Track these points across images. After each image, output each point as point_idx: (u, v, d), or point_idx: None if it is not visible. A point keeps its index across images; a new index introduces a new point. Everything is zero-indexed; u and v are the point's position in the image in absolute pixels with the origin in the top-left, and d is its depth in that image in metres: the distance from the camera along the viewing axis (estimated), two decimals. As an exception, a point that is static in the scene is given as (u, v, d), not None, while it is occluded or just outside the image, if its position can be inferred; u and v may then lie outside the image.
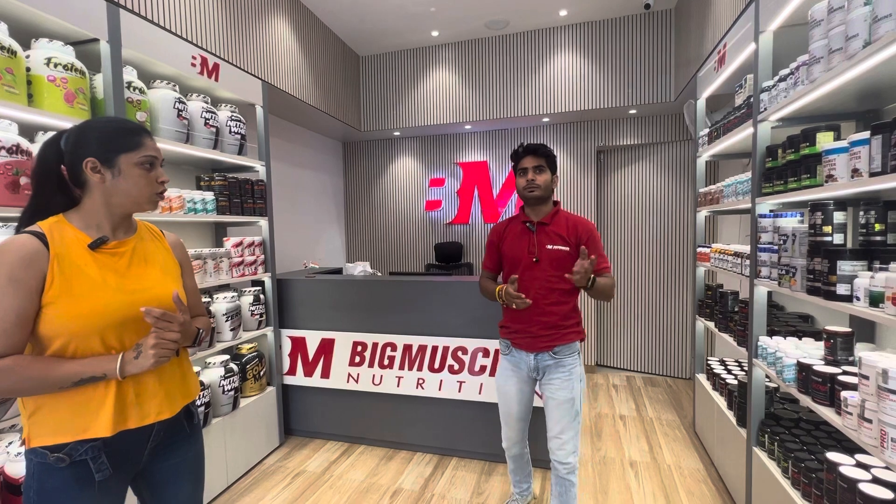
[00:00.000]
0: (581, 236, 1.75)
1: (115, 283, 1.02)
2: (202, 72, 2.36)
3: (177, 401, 1.12)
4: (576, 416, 1.76)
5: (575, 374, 1.77)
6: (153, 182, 1.07)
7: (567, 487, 1.79)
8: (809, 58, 1.49)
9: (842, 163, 1.36)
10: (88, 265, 0.99)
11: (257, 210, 2.75)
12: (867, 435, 1.19)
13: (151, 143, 1.08)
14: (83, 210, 1.04)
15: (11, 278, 0.90)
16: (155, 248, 1.16)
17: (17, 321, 0.91)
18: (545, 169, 1.77)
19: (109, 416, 0.98)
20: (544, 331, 1.75)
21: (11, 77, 1.54)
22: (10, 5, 1.59)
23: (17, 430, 1.66)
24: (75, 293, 0.96)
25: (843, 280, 1.33)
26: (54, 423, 0.97)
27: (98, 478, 0.99)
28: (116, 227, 1.07)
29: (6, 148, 1.48)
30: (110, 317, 0.99)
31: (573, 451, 1.76)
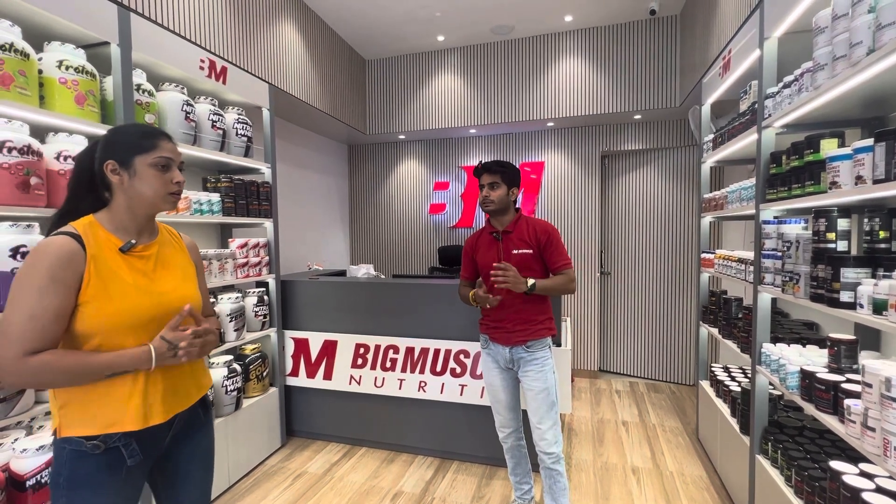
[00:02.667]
0: (541, 239, 1.92)
1: (143, 285, 1.08)
2: (210, 75, 2.39)
3: (193, 394, 1.19)
4: (552, 405, 1.90)
5: (548, 366, 1.92)
6: (168, 182, 1.11)
7: (555, 478, 1.91)
8: (814, 65, 1.49)
9: (846, 170, 1.35)
10: (121, 268, 1.06)
11: (262, 212, 2.77)
12: (870, 444, 1.19)
13: (168, 145, 1.12)
14: (111, 212, 1.10)
15: (53, 278, 0.95)
16: (174, 251, 1.21)
17: (55, 318, 0.96)
18: (500, 185, 1.92)
19: (136, 412, 1.04)
20: (518, 326, 1.91)
21: (24, 79, 1.56)
22: (24, 9, 1.62)
23: (23, 427, 1.68)
24: (110, 294, 1.02)
25: (847, 287, 1.32)
26: (85, 416, 1.02)
27: (130, 463, 1.05)
28: (141, 229, 1.13)
29: (17, 148, 1.51)
30: (140, 317, 1.05)
31: (555, 441, 1.90)
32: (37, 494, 1.51)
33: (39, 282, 0.95)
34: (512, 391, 2.03)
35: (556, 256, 1.91)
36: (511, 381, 2.02)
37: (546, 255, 1.92)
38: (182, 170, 1.17)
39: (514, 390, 2.04)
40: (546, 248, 1.90)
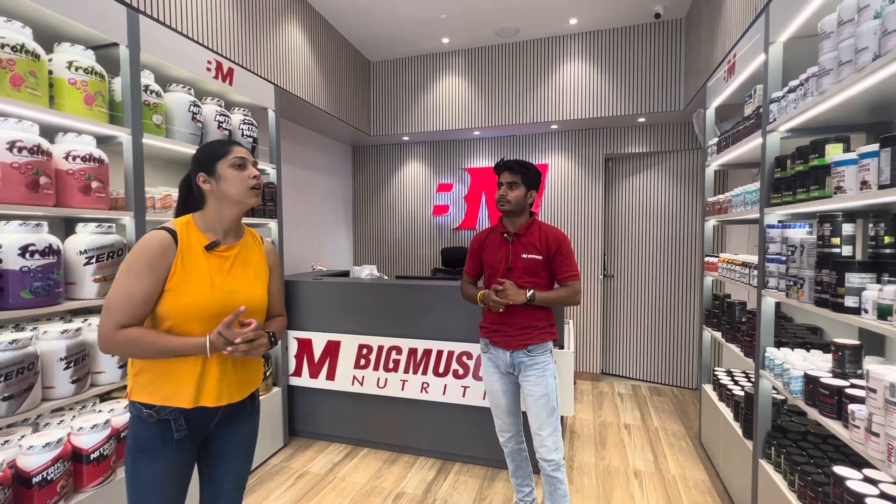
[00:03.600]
0: (552, 247, 1.89)
1: (217, 282, 1.22)
2: (217, 76, 2.41)
3: (245, 388, 1.31)
4: (552, 411, 1.87)
5: (549, 371, 1.89)
6: (246, 178, 1.26)
7: (555, 486, 1.87)
8: (819, 69, 1.49)
9: (851, 174, 1.35)
10: (202, 264, 1.21)
11: (267, 212, 2.79)
12: (874, 449, 1.18)
13: (239, 149, 1.29)
14: (204, 214, 1.28)
15: (149, 265, 1.14)
16: (253, 254, 1.35)
17: (145, 300, 1.14)
18: (519, 185, 1.89)
19: (191, 393, 1.18)
20: (518, 331, 1.88)
21: (34, 80, 1.58)
22: (35, 10, 1.64)
23: (30, 424, 1.70)
24: (188, 285, 1.18)
25: (852, 292, 1.32)
26: (151, 386, 1.18)
27: (176, 437, 1.20)
28: (227, 231, 1.29)
29: (27, 148, 1.52)
30: (208, 309, 1.19)
31: (555, 448, 1.86)
32: (43, 491, 1.53)
33: (138, 268, 1.13)
34: (512, 396, 2.00)
35: (564, 267, 1.88)
36: (511, 386, 1.99)
37: (554, 264, 1.89)
38: (257, 167, 1.32)
39: (515, 395, 2.01)
40: (555, 256, 1.88)
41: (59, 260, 1.64)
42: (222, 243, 1.26)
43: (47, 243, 1.58)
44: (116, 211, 1.88)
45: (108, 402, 1.93)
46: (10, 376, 1.47)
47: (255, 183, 1.28)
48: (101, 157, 1.79)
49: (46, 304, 1.59)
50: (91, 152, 1.75)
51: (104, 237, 1.80)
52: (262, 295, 1.31)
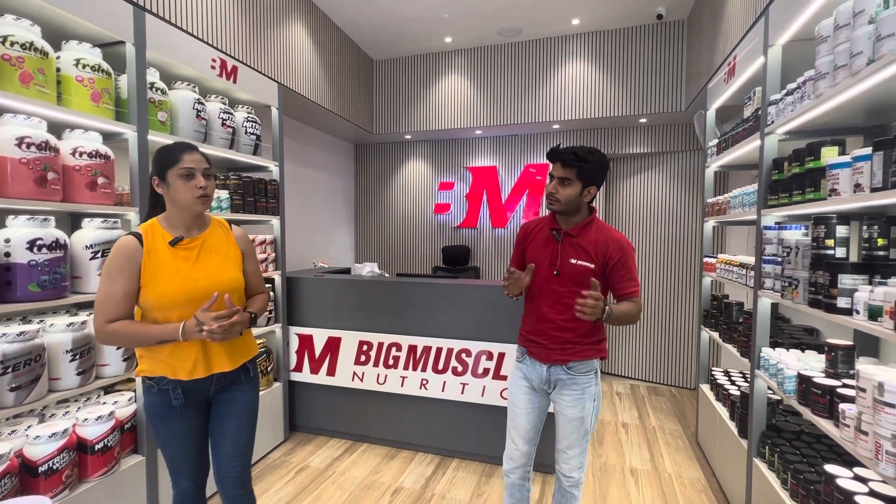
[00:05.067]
0: (611, 255, 1.58)
1: (185, 271, 1.36)
2: (221, 74, 2.44)
3: (235, 359, 1.45)
4: (584, 434, 1.66)
5: (588, 394, 1.64)
6: (193, 188, 1.35)
7: (568, 499, 1.69)
8: (816, 73, 1.51)
9: (845, 177, 1.37)
10: (168, 258, 1.35)
11: (270, 209, 2.82)
12: (863, 447, 1.21)
13: (189, 157, 1.37)
14: (167, 214, 1.41)
15: (120, 268, 1.30)
16: (221, 240, 1.47)
17: (124, 297, 1.30)
18: (573, 182, 1.56)
19: (185, 367, 1.36)
20: (558, 345, 1.63)
21: (43, 77, 1.61)
22: (44, 8, 1.67)
23: (35, 415, 1.73)
24: (157, 279, 1.32)
25: (844, 293, 1.34)
26: (150, 363, 1.37)
27: (174, 404, 1.37)
28: (190, 226, 1.41)
29: (35, 144, 1.55)
30: (180, 297, 1.33)
31: (578, 467, 1.67)
32: (49, 480, 1.56)
33: (111, 271, 1.30)
34: (535, 420, 1.71)
35: (627, 281, 1.58)
36: (538, 408, 1.72)
37: (613, 276, 1.59)
38: (210, 175, 1.41)
39: (538, 420, 1.72)
40: (616, 268, 1.58)
41: (66, 254, 1.67)
42: (186, 237, 1.39)
43: (54, 238, 1.61)
44: (121, 207, 1.91)
45: (111, 395, 1.97)
46: (18, 367, 1.51)
47: (200, 193, 1.36)
48: (107, 153, 1.82)
49: (53, 297, 1.62)
50: (97, 149, 1.78)
51: (109, 232, 1.83)
52: (234, 276, 1.44)
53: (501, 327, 2.61)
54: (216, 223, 1.50)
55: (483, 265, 4.72)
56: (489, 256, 4.73)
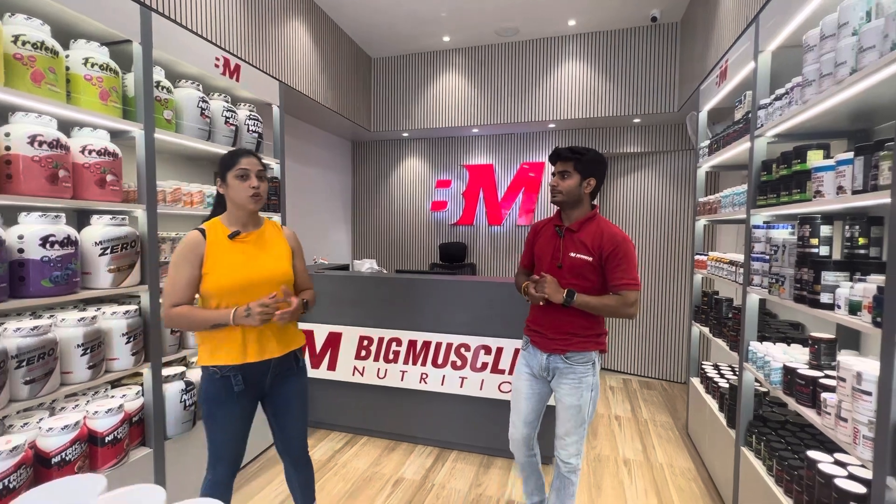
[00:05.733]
0: (604, 248, 1.67)
1: (241, 262, 1.53)
2: (224, 72, 2.46)
3: (284, 346, 1.60)
4: (581, 423, 1.74)
5: (585, 384, 1.72)
6: (247, 188, 1.53)
7: (566, 485, 1.79)
8: (803, 80, 1.58)
9: (829, 180, 1.45)
10: (227, 251, 1.52)
11: (271, 206, 2.85)
12: (842, 433, 1.29)
13: (245, 160, 1.54)
14: (226, 213, 1.60)
15: (185, 258, 1.48)
16: (273, 237, 1.65)
17: (187, 284, 1.48)
18: (572, 174, 1.69)
19: (237, 352, 1.51)
20: (559, 335, 1.73)
21: (53, 76, 1.64)
22: (52, 7, 1.69)
23: (45, 408, 1.76)
24: (217, 268, 1.49)
25: (827, 289, 1.42)
26: (210, 352, 1.52)
27: (236, 389, 1.52)
28: (246, 222, 1.59)
29: (47, 142, 1.58)
30: (236, 285, 1.50)
31: (576, 454, 1.76)
32: (61, 471, 1.60)
33: (177, 261, 1.48)
34: (535, 404, 1.83)
35: (619, 273, 1.65)
36: (537, 393, 1.83)
37: (607, 268, 1.67)
38: (263, 177, 1.58)
39: (538, 403, 1.84)
40: (609, 259, 1.66)
41: (77, 250, 1.70)
42: (243, 232, 1.56)
43: (66, 234, 1.64)
44: (129, 203, 1.94)
45: (119, 389, 2.00)
46: (32, 361, 1.54)
47: (253, 192, 1.53)
48: (115, 151, 1.85)
49: (65, 292, 1.65)
50: (106, 146, 1.80)
51: (118, 229, 1.86)
52: (285, 270, 1.61)
53: (499, 323, 2.68)
54: (269, 223, 1.69)
55: (479, 262, 4.79)
56: (485, 253, 4.79)
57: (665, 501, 2.33)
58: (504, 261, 4.74)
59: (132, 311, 1.93)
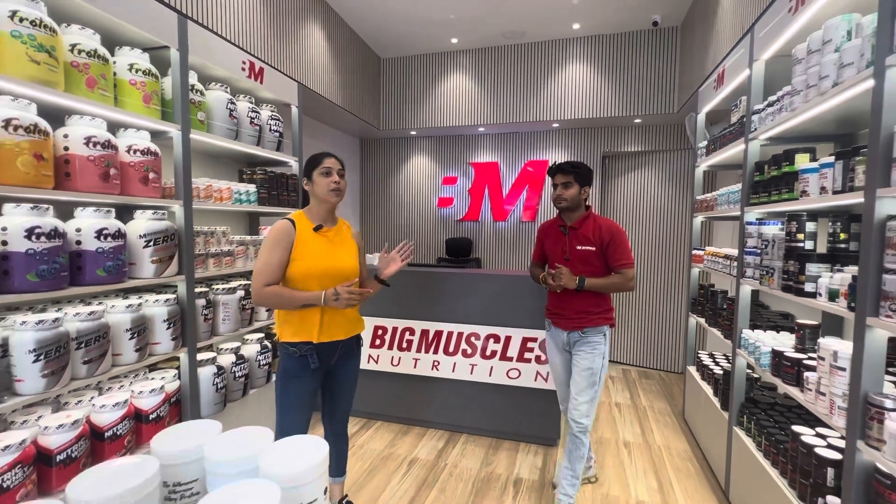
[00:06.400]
0: (604, 237, 2.06)
1: (323, 251, 1.76)
2: (249, 75, 2.60)
3: (350, 330, 1.84)
4: (593, 384, 2.10)
5: (598, 351, 2.11)
6: (329, 183, 1.76)
7: (577, 445, 2.10)
8: (792, 89, 1.74)
9: (814, 181, 1.61)
10: (312, 241, 1.74)
11: (290, 202, 2.99)
12: (821, 405, 1.45)
13: (328, 160, 1.78)
14: (310, 208, 1.82)
15: (278, 243, 1.68)
16: (346, 234, 1.89)
17: (278, 266, 1.68)
18: (572, 184, 2.09)
19: (316, 332, 1.73)
20: (575, 314, 2.11)
21: (104, 81, 1.78)
22: (101, 17, 1.82)
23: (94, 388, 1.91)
24: (304, 255, 1.71)
25: (810, 280, 1.58)
26: (290, 330, 1.74)
27: (312, 366, 1.75)
28: (325, 219, 1.82)
29: (100, 143, 1.72)
30: (319, 270, 1.73)
31: (586, 414, 2.09)
32: (113, 444, 1.75)
33: (271, 244, 1.68)
34: (569, 370, 2.23)
35: (617, 255, 2.04)
36: (568, 362, 2.22)
37: (607, 254, 2.05)
38: (342, 175, 1.80)
39: (569, 373, 2.24)
40: (608, 247, 2.05)
41: (125, 243, 1.85)
42: (323, 226, 1.79)
43: (117, 227, 1.79)
44: (168, 199, 2.08)
45: (157, 372, 2.15)
46: (90, 343, 1.69)
47: (334, 186, 1.76)
48: (156, 150, 1.99)
49: (115, 281, 1.79)
50: (148, 146, 1.94)
51: (158, 223, 2.00)
52: (355, 264, 1.84)
53: (507, 313, 2.84)
54: (342, 222, 1.91)
55: (485, 256, 4.94)
56: (491, 248, 4.95)
57: (663, 479, 2.50)
58: (509, 255, 4.90)
59: (171, 299, 2.08)
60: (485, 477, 2.49)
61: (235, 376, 2.46)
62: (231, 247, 2.52)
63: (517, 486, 2.40)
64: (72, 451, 1.61)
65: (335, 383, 1.89)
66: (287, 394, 1.75)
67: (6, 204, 1.51)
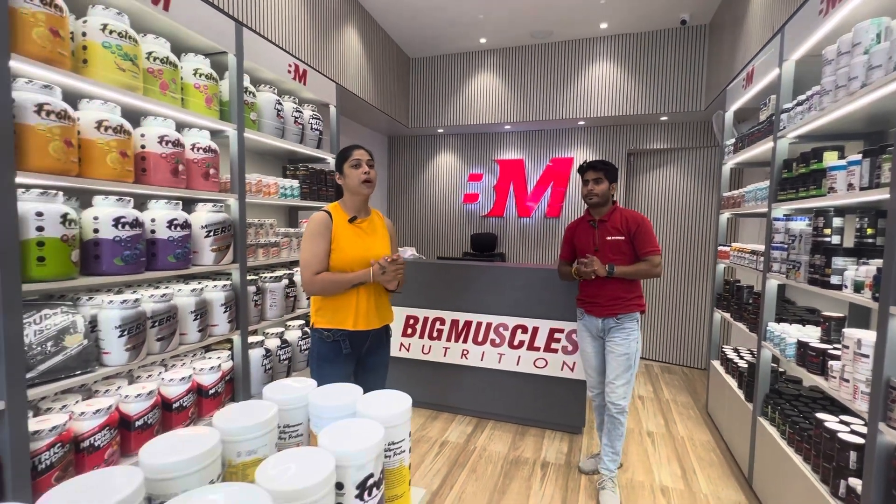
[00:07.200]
0: (631, 227, 2.21)
1: (360, 241, 1.85)
2: (294, 77, 2.76)
3: (382, 320, 1.92)
4: (629, 368, 2.23)
5: (632, 337, 2.23)
6: (360, 175, 1.83)
7: (616, 425, 2.25)
8: (821, 89, 1.80)
9: (842, 178, 1.67)
10: (348, 231, 1.83)
11: (328, 196, 3.16)
12: (845, 391, 1.53)
13: (357, 152, 1.85)
14: (343, 200, 1.91)
15: (320, 233, 1.78)
16: (379, 225, 1.97)
17: (324, 255, 1.78)
18: (603, 180, 2.24)
19: (352, 319, 1.81)
20: (608, 301, 2.23)
21: (174, 85, 1.95)
22: (170, 26, 1.99)
23: (159, 364, 2.09)
24: (342, 245, 1.81)
25: (836, 272, 1.65)
26: (326, 317, 1.82)
27: (345, 352, 1.83)
28: (359, 210, 1.90)
29: (171, 141, 1.90)
30: (357, 259, 1.82)
31: (623, 396, 2.23)
32: (179, 415, 1.93)
33: (313, 236, 1.78)
34: (602, 357, 2.35)
35: (643, 244, 2.18)
36: (601, 349, 2.34)
37: (635, 243, 2.19)
38: (372, 165, 1.86)
39: (602, 360, 2.36)
40: (636, 236, 2.19)
41: (191, 232, 2.03)
42: (357, 218, 1.87)
43: (185, 218, 1.97)
44: (224, 193, 2.26)
45: (212, 352, 2.34)
46: (162, 322, 1.87)
47: (365, 177, 1.82)
48: (216, 148, 2.16)
49: (182, 267, 1.97)
50: (209, 144, 2.12)
51: (217, 215, 2.18)
52: (387, 252, 1.92)
53: (535, 305, 2.95)
54: (375, 213, 2.00)
55: (509, 251, 5.05)
56: (515, 243, 5.05)
57: (686, 467, 2.58)
58: (533, 251, 4.99)
59: (227, 285, 2.26)
60: (513, 460, 2.62)
61: (280, 359, 2.63)
62: (277, 238, 2.70)
63: (545, 469, 2.52)
64: (148, 418, 1.80)
65: (367, 372, 1.95)
66: (323, 378, 1.76)
67: (96, 196, 1.70)
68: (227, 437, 0.69)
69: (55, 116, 1.46)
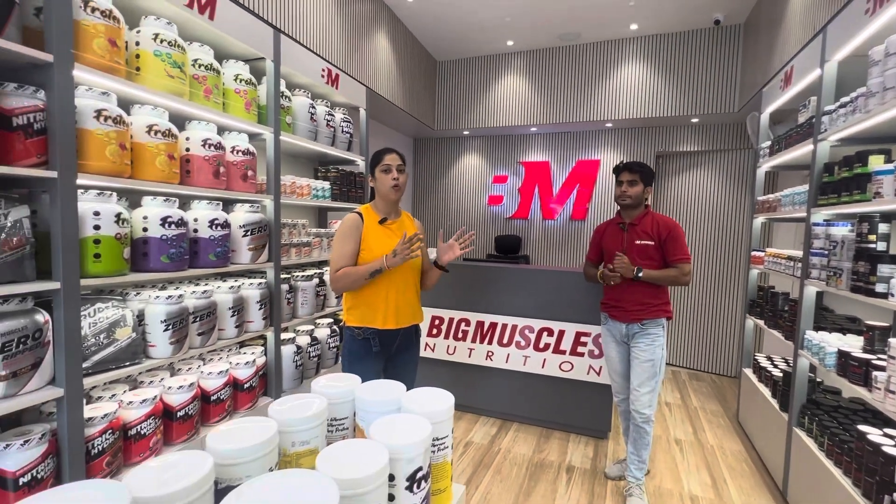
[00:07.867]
0: (662, 233, 2.17)
1: (388, 243, 1.87)
2: (328, 81, 2.83)
3: (411, 319, 1.96)
4: (654, 375, 2.18)
5: (657, 343, 2.18)
6: (389, 180, 1.88)
7: (641, 434, 2.20)
8: (867, 91, 1.74)
9: (888, 182, 1.62)
10: (378, 232, 1.89)
11: (357, 198, 3.22)
12: (891, 404, 1.48)
13: (388, 156, 1.89)
14: (374, 202, 1.97)
15: (350, 234, 1.85)
16: (409, 226, 2.02)
17: (352, 255, 1.84)
18: (638, 182, 2.21)
19: (382, 318, 1.87)
20: (634, 307, 2.20)
21: (217, 91, 2.04)
22: (213, 33, 2.08)
23: (197, 358, 2.18)
24: (371, 245, 1.86)
25: (882, 280, 1.60)
26: (357, 315, 1.88)
27: (374, 350, 1.89)
28: (390, 211, 1.96)
29: (213, 144, 1.98)
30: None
31: (648, 405, 2.18)
32: (217, 407, 2.01)
33: (344, 235, 1.85)
34: (626, 363, 2.32)
35: (674, 250, 2.14)
36: (626, 354, 2.31)
37: (665, 249, 2.16)
38: (402, 171, 1.90)
39: (626, 364, 2.33)
40: (666, 242, 2.15)
41: (230, 232, 2.10)
42: (388, 219, 1.92)
43: (224, 218, 2.05)
44: (261, 194, 2.34)
45: (247, 348, 2.42)
46: (203, 318, 1.95)
47: (394, 183, 1.88)
48: (253, 150, 2.24)
49: (222, 265, 2.05)
50: (248, 147, 2.20)
51: (254, 215, 2.26)
52: (416, 253, 1.90)
53: (561, 308, 2.94)
54: (405, 214, 2.06)
55: (533, 254, 5.03)
56: (539, 246, 5.03)
57: (716, 476, 2.53)
58: (557, 254, 4.96)
59: (262, 283, 2.33)
60: (538, 462, 2.61)
61: (310, 356, 2.70)
62: (309, 238, 2.77)
63: (570, 473, 2.51)
64: (189, 409, 1.88)
65: (396, 369, 1.98)
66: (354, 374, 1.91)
67: (145, 196, 1.79)
68: (283, 428, 0.73)
69: (111, 121, 1.54)
